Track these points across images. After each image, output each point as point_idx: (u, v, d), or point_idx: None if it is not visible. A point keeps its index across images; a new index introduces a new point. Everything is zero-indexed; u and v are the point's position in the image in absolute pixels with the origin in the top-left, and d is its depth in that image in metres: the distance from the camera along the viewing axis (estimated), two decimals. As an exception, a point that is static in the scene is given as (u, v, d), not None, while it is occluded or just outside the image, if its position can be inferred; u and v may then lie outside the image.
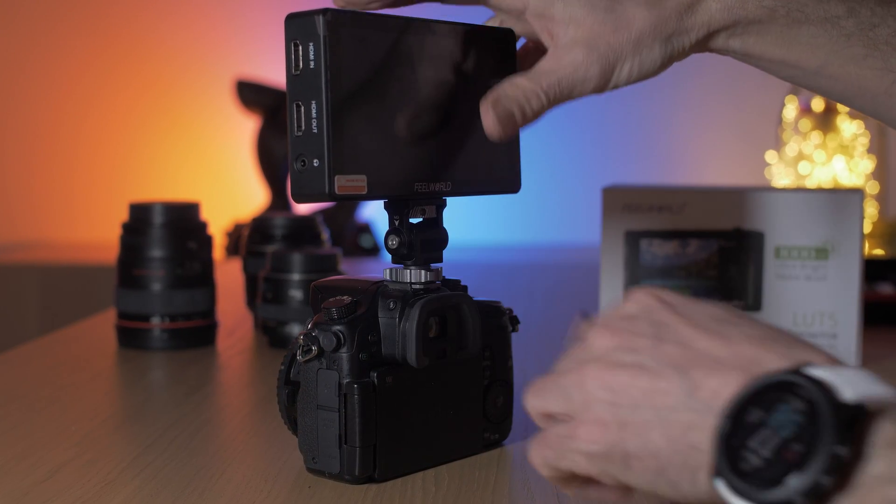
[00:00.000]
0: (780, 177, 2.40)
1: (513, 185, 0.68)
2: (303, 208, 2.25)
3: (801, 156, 2.39)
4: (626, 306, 0.52)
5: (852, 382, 0.42)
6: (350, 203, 2.35)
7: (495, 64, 0.67)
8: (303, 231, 1.09)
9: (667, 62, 0.66)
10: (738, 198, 0.92)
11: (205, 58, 2.90)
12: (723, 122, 2.80)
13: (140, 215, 1.00)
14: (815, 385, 0.42)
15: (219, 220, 2.52)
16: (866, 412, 0.42)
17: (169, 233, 0.99)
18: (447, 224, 0.66)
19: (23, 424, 0.75)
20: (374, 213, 2.52)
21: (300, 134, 0.58)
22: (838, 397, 0.42)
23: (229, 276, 1.40)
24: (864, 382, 0.43)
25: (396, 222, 0.64)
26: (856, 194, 0.91)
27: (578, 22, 0.63)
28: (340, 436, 0.61)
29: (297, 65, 0.58)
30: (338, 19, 0.58)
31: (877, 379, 0.44)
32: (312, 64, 0.58)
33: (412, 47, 0.62)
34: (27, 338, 1.19)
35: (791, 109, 2.36)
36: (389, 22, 0.61)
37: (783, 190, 0.96)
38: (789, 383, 0.43)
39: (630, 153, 2.82)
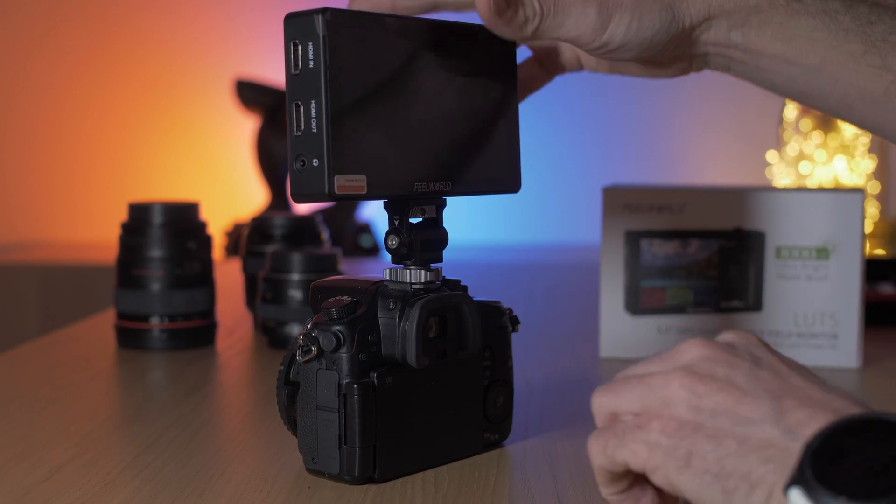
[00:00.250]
0: (781, 176, 2.40)
1: (513, 185, 0.68)
2: (302, 208, 2.25)
3: (801, 155, 2.39)
4: (725, 336, 0.52)
5: None
6: (350, 203, 2.35)
7: (495, 64, 0.66)
8: (302, 231, 1.08)
9: (664, 31, 0.66)
10: (739, 198, 0.92)
11: (204, 57, 2.90)
12: (723, 121, 2.80)
13: (139, 215, 1.00)
14: None
15: (218, 220, 2.52)
16: None
17: (168, 233, 0.99)
18: (447, 224, 0.66)
19: (22, 424, 0.75)
20: (374, 213, 2.52)
21: (300, 134, 0.58)
22: None
23: (229, 276, 1.39)
24: None
25: (396, 222, 0.64)
26: (857, 194, 0.91)
27: None
28: (340, 436, 0.61)
29: (296, 64, 0.58)
30: (337, 19, 0.58)
31: None
32: (312, 64, 0.58)
33: (412, 47, 0.62)
34: (26, 338, 1.19)
35: (792, 109, 2.36)
36: (389, 22, 0.61)
37: (784, 190, 0.96)
38: (886, 421, 0.43)
39: (630, 153, 2.82)
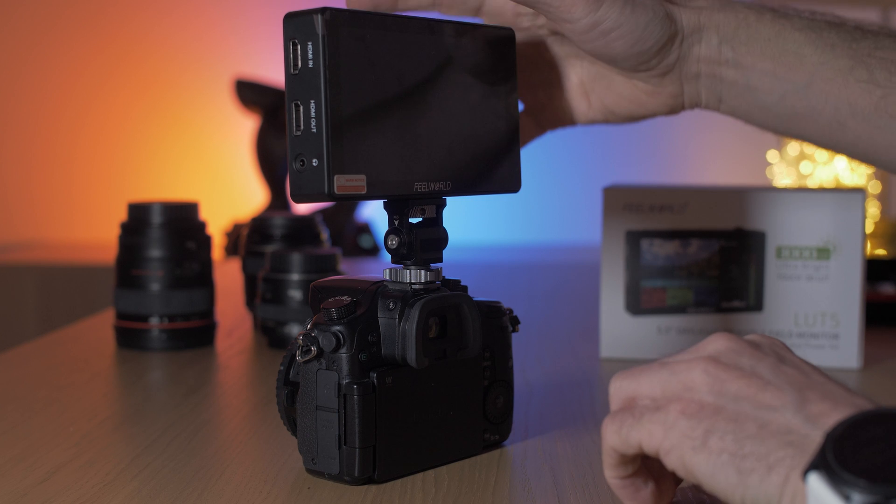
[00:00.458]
0: (782, 176, 2.40)
1: (513, 185, 0.68)
2: (302, 208, 2.25)
3: (802, 155, 2.39)
4: (750, 336, 0.53)
5: None
6: (349, 203, 2.35)
7: (495, 63, 0.66)
8: (302, 231, 1.08)
9: (658, 24, 0.67)
10: (740, 197, 0.92)
11: (204, 57, 2.89)
12: (724, 121, 2.80)
13: (138, 215, 0.99)
14: None
15: (218, 220, 2.52)
16: None
17: (168, 233, 0.98)
18: (447, 224, 0.66)
19: (21, 425, 0.75)
20: (374, 213, 2.52)
21: (299, 134, 0.58)
22: None
23: (228, 276, 1.39)
24: None
25: (396, 222, 0.64)
26: (858, 194, 0.90)
27: None
28: (340, 436, 0.61)
29: (295, 64, 0.58)
30: (337, 18, 0.58)
31: None
32: (311, 63, 0.58)
33: (412, 46, 0.62)
34: (25, 338, 1.19)
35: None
36: (389, 21, 0.61)
37: (785, 189, 0.96)
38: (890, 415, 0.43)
39: (631, 152, 2.82)
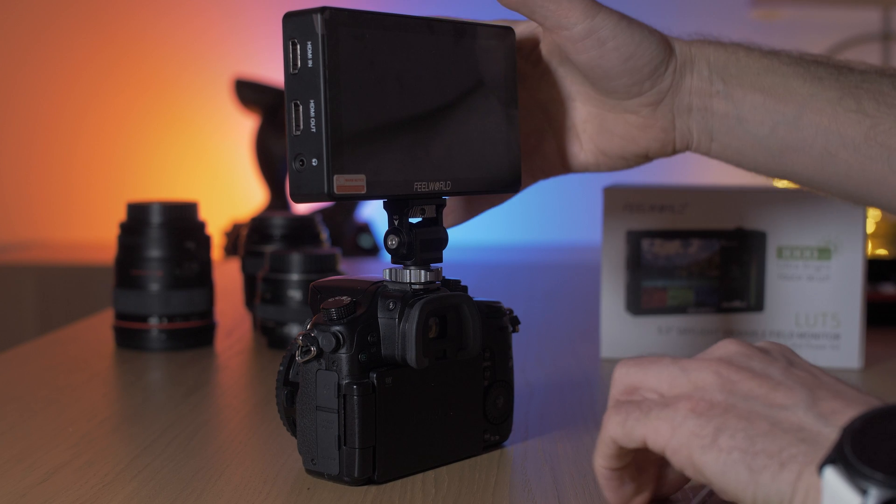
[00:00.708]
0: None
1: (513, 185, 0.68)
2: (302, 208, 2.25)
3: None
4: (758, 344, 0.54)
5: None
6: (349, 203, 2.34)
7: (495, 62, 0.66)
8: (302, 231, 1.08)
9: (654, 43, 0.68)
10: (740, 197, 0.92)
11: (203, 57, 2.89)
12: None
13: (138, 215, 0.99)
14: None
15: (217, 219, 2.51)
16: None
17: (167, 233, 0.98)
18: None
19: (20, 426, 0.75)
20: (374, 213, 2.51)
21: (298, 133, 0.58)
22: None
23: (228, 276, 1.39)
24: None
25: (396, 222, 0.64)
26: (858, 193, 0.90)
27: None
28: (339, 437, 0.61)
29: (295, 64, 0.58)
30: (336, 18, 0.58)
31: None
32: (311, 63, 0.57)
33: (411, 45, 0.62)
34: (24, 338, 1.19)
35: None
36: (388, 20, 0.61)
37: (785, 189, 0.96)
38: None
39: (629, 153, 2.82)
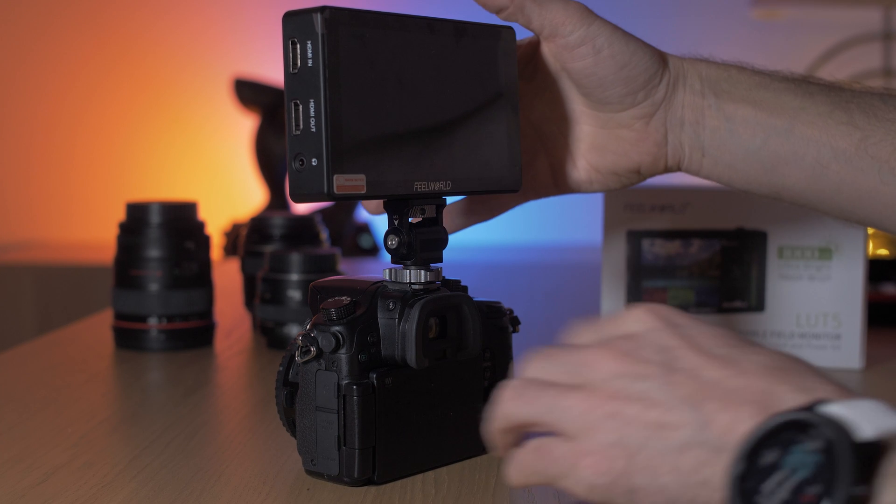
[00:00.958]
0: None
1: (513, 184, 0.68)
2: (301, 208, 2.24)
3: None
4: (628, 323, 0.51)
5: (869, 418, 0.42)
6: (349, 203, 2.34)
7: (496, 61, 0.66)
8: (301, 231, 1.08)
9: (647, 55, 0.68)
10: (741, 197, 0.91)
11: (202, 56, 2.89)
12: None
13: (137, 215, 0.99)
14: (832, 425, 0.41)
15: (216, 219, 2.51)
16: (890, 447, 0.41)
17: (166, 233, 0.98)
18: (447, 224, 0.65)
19: (18, 426, 0.74)
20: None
21: (298, 133, 0.58)
22: (856, 436, 0.41)
23: (227, 276, 1.39)
24: (880, 416, 0.42)
25: (396, 222, 0.63)
26: (859, 193, 0.90)
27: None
28: (339, 437, 0.60)
29: (294, 63, 0.58)
30: (336, 17, 0.57)
31: (888, 408, 0.43)
32: (310, 62, 0.57)
33: (411, 45, 0.61)
34: (23, 339, 1.19)
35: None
36: (388, 19, 0.61)
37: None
38: (804, 423, 0.42)
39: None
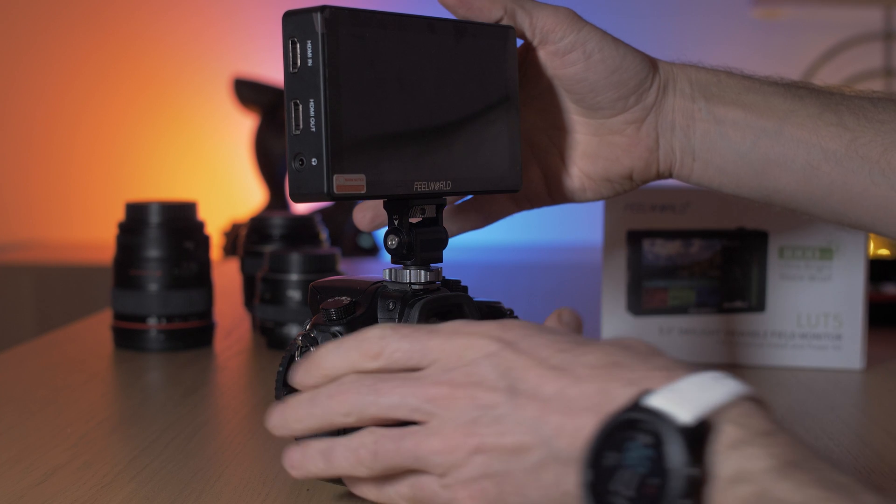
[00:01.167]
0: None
1: (513, 184, 0.67)
2: (301, 208, 2.24)
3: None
4: (469, 353, 0.51)
5: (688, 400, 0.44)
6: (349, 202, 2.34)
7: (496, 61, 0.66)
8: (301, 231, 1.08)
9: (638, 60, 0.68)
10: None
11: (202, 56, 2.89)
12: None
13: (136, 215, 0.99)
14: (654, 416, 0.44)
15: (216, 219, 2.51)
16: (712, 425, 0.44)
17: (166, 233, 0.98)
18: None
19: (17, 427, 0.74)
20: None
21: (298, 133, 0.58)
22: (678, 422, 0.43)
23: (227, 276, 1.39)
24: (701, 394, 0.45)
25: (396, 222, 0.63)
26: (860, 193, 0.90)
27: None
28: (339, 439, 0.60)
29: (294, 63, 0.58)
30: (336, 17, 0.57)
31: (714, 379, 0.46)
32: (310, 62, 0.57)
33: (412, 45, 0.61)
34: (22, 339, 1.19)
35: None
36: (388, 19, 0.60)
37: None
38: (632, 420, 0.44)
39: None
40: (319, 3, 0.58)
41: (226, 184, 2.88)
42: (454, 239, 0.68)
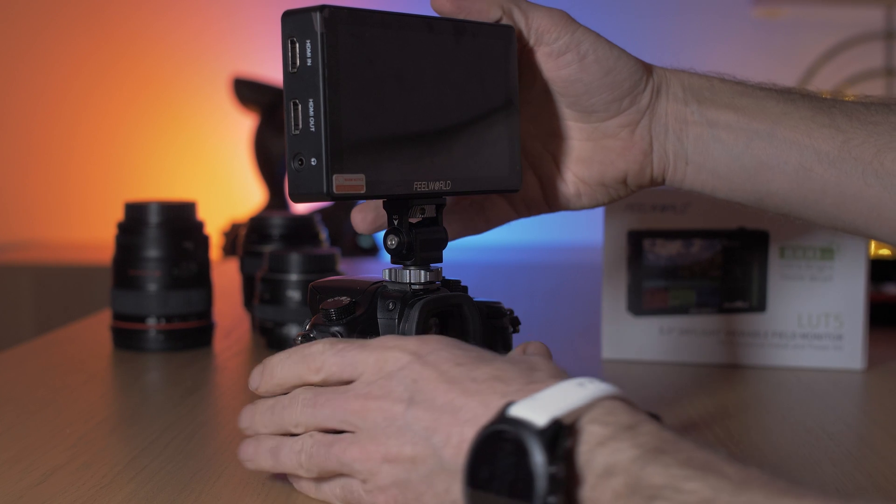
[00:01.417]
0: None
1: (513, 184, 0.67)
2: (301, 208, 2.24)
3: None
4: (384, 365, 0.55)
5: (545, 406, 0.48)
6: (348, 202, 2.33)
7: (495, 61, 0.66)
8: (301, 231, 1.08)
9: (631, 62, 0.68)
10: (742, 197, 0.91)
11: (201, 55, 2.89)
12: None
13: (135, 215, 0.99)
14: (515, 424, 0.47)
15: (215, 219, 2.51)
16: (565, 425, 0.47)
17: (165, 232, 0.98)
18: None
19: (16, 427, 0.74)
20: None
21: (297, 132, 0.58)
22: (536, 427, 0.47)
23: (226, 276, 1.39)
24: (558, 400, 0.48)
25: (395, 222, 0.63)
26: (860, 193, 0.90)
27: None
28: (339, 439, 0.60)
29: (293, 62, 0.58)
30: (335, 16, 0.57)
31: (579, 385, 0.49)
32: (310, 62, 0.57)
33: (411, 44, 0.61)
34: (21, 339, 1.18)
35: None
36: (388, 19, 0.60)
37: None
38: (497, 432, 0.48)
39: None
40: (318, 3, 0.57)
41: (225, 184, 2.88)
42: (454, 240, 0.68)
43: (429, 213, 0.64)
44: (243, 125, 2.71)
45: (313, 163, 0.57)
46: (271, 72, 2.64)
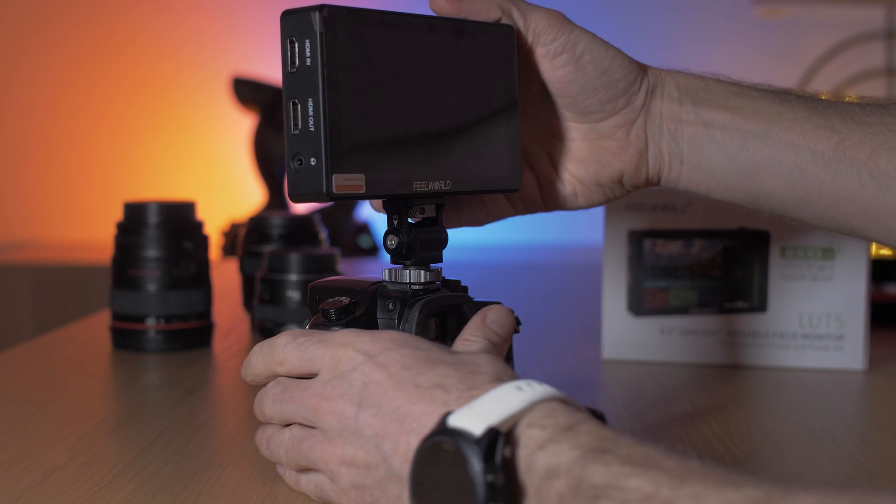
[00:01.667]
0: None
1: (513, 183, 0.67)
2: (300, 208, 2.24)
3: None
4: (339, 364, 0.56)
5: (481, 414, 0.48)
6: (348, 202, 2.34)
7: (494, 60, 0.66)
8: (300, 231, 1.08)
9: (626, 62, 0.68)
10: (742, 197, 0.91)
11: (201, 55, 2.89)
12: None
13: (135, 215, 0.99)
14: (453, 435, 0.48)
15: (215, 219, 2.51)
16: (501, 433, 0.47)
17: (164, 233, 0.98)
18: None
19: (15, 427, 0.74)
20: (373, 213, 2.51)
21: (297, 132, 0.57)
22: (473, 436, 0.47)
23: (226, 276, 1.39)
24: (494, 407, 0.48)
25: (395, 222, 0.63)
26: (861, 193, 0.90)
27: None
28: (339, 440, 0.60)
29: (293, 62, 0.57)
30: (334, 15, 0.57)
31: (516, 389, 0.50)
32: (309, 61, 0.57)
33: (410, 44, 0.61)
34: (20, 339, 1.18)
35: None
36: (387, 18, 0.60)
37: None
38: (437, 443, 0.48)
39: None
40: (318, 2, 0.57)
41: (225, 183, 2.88)
42: (454, 239, 0.67)
43: (429, 212, 0.64)
44: (243, 125, 2.70)
45: (313, 163, 0.57)
46: (271, 71, 2.64)
